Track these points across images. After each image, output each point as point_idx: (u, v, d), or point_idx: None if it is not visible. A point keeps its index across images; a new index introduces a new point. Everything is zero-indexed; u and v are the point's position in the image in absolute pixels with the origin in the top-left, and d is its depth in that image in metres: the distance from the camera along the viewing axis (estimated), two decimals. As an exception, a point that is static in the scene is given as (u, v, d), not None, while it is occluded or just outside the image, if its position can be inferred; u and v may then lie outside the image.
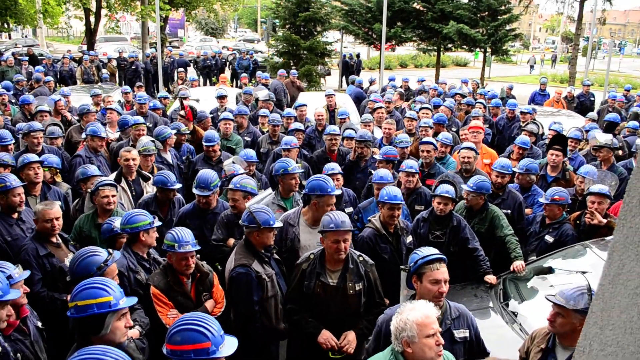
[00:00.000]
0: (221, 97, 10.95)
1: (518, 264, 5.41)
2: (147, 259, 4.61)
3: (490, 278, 5.31)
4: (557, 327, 3.44)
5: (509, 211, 6.27)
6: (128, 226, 4.46)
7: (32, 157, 6.12)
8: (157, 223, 4.67)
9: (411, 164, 6.48)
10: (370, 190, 6.45)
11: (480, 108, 11.04)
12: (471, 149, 7.11)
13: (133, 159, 6.44)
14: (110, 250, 3.95)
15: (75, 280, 3.62)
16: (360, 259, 4.39)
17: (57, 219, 4.78)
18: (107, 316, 3.00)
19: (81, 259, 3.75)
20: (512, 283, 5.31)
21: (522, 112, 10.56)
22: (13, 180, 5.28)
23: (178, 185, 6.02)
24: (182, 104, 9.26)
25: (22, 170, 5.95)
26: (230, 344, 2.70)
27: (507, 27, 23.89)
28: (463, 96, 12.40)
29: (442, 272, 3.57)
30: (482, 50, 24.63)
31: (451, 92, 13.39)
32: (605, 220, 5.71)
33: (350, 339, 4.22)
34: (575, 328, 3.30)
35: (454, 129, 9.65)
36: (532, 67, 40.37)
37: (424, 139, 7.43)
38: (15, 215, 5.33)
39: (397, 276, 5.26)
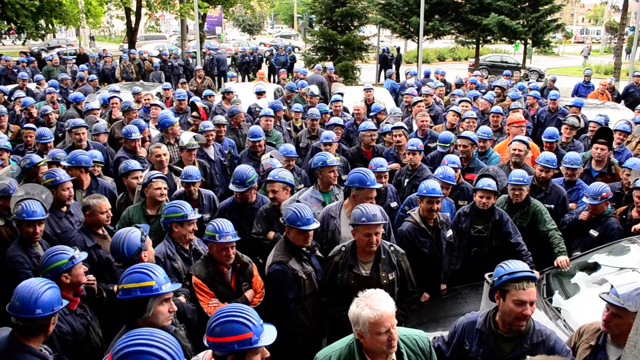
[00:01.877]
0: (260, 93, 11.03)
1: (562, 259, 5.31)
2: (186, 249, 4.73)
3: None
4: (612, 328, 3.34)
5: (552, 206, 6.15)
6: (163, 216, 4.71)
7: (82, 159, 6.27)
8: (193, 217, 4.74)
9: (453, 158, 6.43)
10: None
11: (519, 100, 10.81)
12: (523, 142, 6.99)
13: (164, 154, 6.58)
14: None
15: (125, 260, 3.89)
16: (392, 248, 4.42)
17: (108, 210, 5.01)
18: (150, 300, 3.13)
19: (123, 239, 4.01)
20: (556, 278, 5.21)
21: (569, 106, 10.28)
22: (62, 175, 5.49)
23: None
24: (194, 105, 9.42)
25: (71, 168, 6.13)
26: (270, 333, 2.73)
27: (549, 18, 23.31)
28: (503, 89, 12.18)
29: (528, 292, 3.30)
30: (523, 41, 24.10)
31: (492, 84, 13.16)
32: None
33: None
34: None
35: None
36: (585, 57, 39.43)
37: (462, 134, 7.35)
38: (65, 209, 5.55)
39: (436, 270, 5.27)
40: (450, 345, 3.66)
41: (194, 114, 9.24)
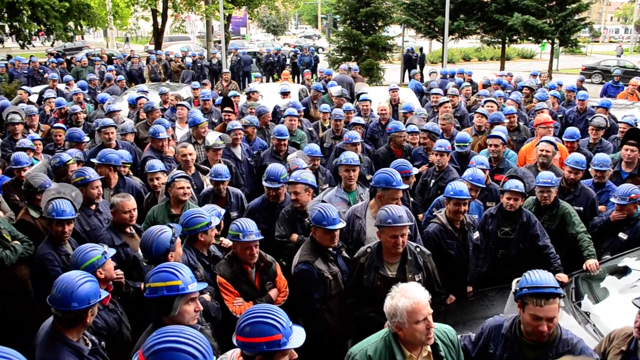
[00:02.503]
0: (284, 93, 11.07)
1: (591, 262, 5.22)
2: (207, 256, 4.74)
3: (562, 276, 5.13)
4: None
5: (582, 208, 6.05)
6: (186, 229, 4.59)
7: (112, 157, 6.39)
8: (216, 223, 4.77)
9: (482, 159, 6.36)
10: None
11: (545, 101, 10.64)
12: (551, 142, 6.87)
13: (190, 154, 6.63)
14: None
15: (153, 259, 3.93)
16: (418, 250, 4.41)
17: (133, 210, 5.07)
18: (176, 299, 3.17)
19: (153, 239, 4.04)
20: (585, 282, 5.11)
21: (597, 107, 10.08)
22: (92, 173, 5.60)
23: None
24: (228, 100, 9.51)
25: (100, 166, 6.24)
26: (299, 335, 2.75)
27: (576, 17, 22.92)
28: (531, 89, 12.03)
29: (545, 309, 3.22)
30: (550, 41, 23.74)
31: (519, 85, 12.99)
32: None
33: None
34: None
35: (521, 123, 9.36)
36: (619, 56, 38.65)
37: (492, 133, 7.25)
38: (93, 207, 5.66)
39: (463, 272, 5.23)
40: (476, 346, 3.65)
41: (228, 108, 9.31)
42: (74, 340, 3.35)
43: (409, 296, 3.02)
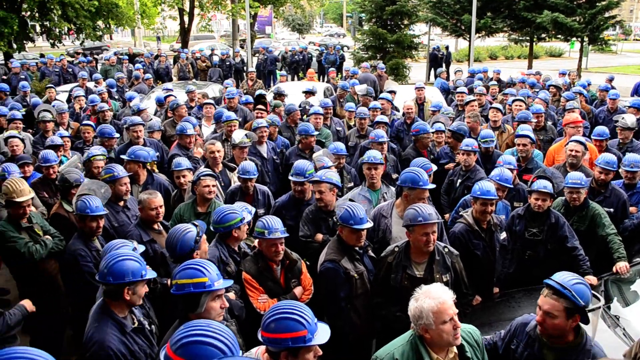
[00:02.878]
0: (309, 93, 11.10)
1: (621, 265, 5.14)
2: (238, 252, 4.77)
3: (591, 279, 5.05)
4: None
5: (612, 209, 5.93)
6: (221, 225, 4.62)
7: (141, 154, 6.47)
8: (248, 219, 4.78)
9: (510, 159, 6.29)
10: None
11: (575, 100, 10.46)
12: (581, 142, 6.76)
13: (218, 151, 6.68)
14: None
15: (177, 258, 3.95)
16: (446, 250, 4.39)
17: (160, 207, 5.12)
18: (202, 296, 3.20)
19: (178, 238, 4.07)
20: (615, 285, 5.03)
21: (628, 107, 9.87)
22: (120, 170, 5.69)
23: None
24: (260, 98, 9.54)
25: (130, 163, 6.35)
26: (324, 332, 2.75)
27: (606, 14, 22.45)
28: (558, 88, 11.84)
29: (545, 300, 3.23)
30: (579, 39, 23.31)
31: (547, 83, 12.80)
32: None
33: None
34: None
35: (550, 122, 9.22)
36: None
37: (521, 132, 7.14)
38: (122, 203, 5.75)
39: (489, 273, 5.17)
40: (503, 342, 3.64)
41: (260, 106, 9.37)
42: (119, 315, 3.48)
43: (434, 296, 3.00)
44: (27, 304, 4.55)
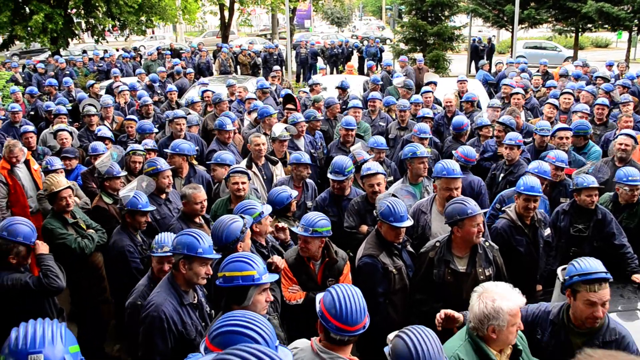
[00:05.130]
0: (342, 89, 11.03)
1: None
2: (265, 246, 4.72)
3: (639, 277, 4.89)
4: None
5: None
6: None
7: (185, 148, 6.57)
8: (268, 211, 4.68)
9: (562, 156, 6.11)
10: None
11: (614, 92, 10.09)
12: (631, 136, 6.54)
13: (263, 144, 6.69)
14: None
15: (222, 247, 3.97)
16: (487, 244, 4.35)
17: (204, 201, 5.21)
18: (250, 289, 3.21)
19: (225, 226, 4.06)
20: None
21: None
22: (163, 163, 5.80)
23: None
24: (290, 97, 9.57)
25: (173, 156, 6.45)
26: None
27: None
28: (605, 79, 11.45)
29: (599, 294, 3.23)
30: (627, 29, 22.46)
31: (594, 75, 12.40)
32: None
33: None
34: None
35: (612, 120, 8.91)
36: None
37: (561, 126, 6.96)
38: (164, 196, 5.84)
39: (532, 270, 5.06)
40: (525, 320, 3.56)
41: (289, 105, 9.39)
42: (181, 288, 3.70)
43: (511, 298, 3.02)
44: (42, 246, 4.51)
